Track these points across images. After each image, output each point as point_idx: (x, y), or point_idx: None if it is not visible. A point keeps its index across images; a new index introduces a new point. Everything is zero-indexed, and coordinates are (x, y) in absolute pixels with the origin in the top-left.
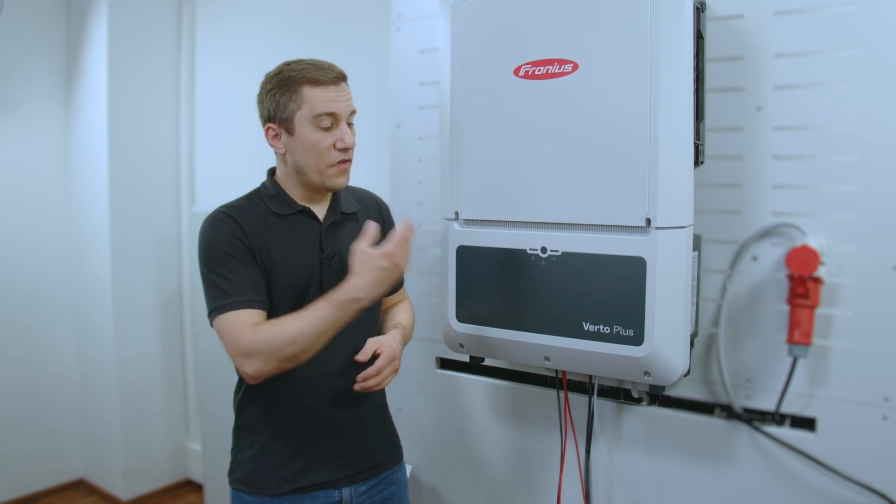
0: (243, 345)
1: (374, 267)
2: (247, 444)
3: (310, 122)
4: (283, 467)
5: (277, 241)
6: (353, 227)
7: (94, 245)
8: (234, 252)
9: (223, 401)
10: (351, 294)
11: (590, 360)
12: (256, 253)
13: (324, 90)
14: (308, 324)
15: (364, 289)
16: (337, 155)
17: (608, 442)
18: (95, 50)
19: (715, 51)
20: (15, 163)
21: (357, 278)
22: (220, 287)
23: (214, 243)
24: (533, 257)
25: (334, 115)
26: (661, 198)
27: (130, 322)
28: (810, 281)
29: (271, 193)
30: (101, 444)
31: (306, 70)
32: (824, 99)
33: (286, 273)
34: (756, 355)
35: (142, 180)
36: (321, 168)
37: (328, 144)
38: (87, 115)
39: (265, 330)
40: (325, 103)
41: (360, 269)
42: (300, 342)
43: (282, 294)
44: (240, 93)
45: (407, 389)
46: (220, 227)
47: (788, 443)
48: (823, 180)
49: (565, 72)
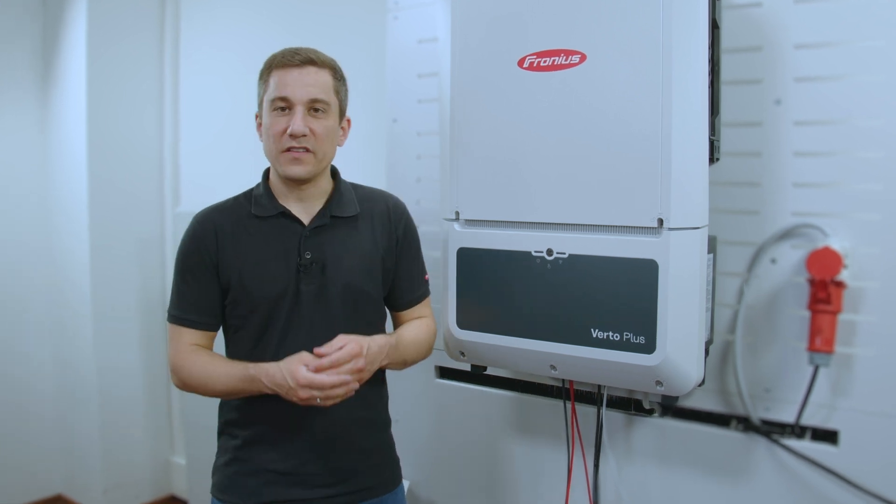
0: (174, 363)
1: (283, 375)
2: (222, 450)
3: (269, 105)
4: (253, 476)
5: (252, 248)
6: (347, 232)
7: (72, 247)
8: (191, 266)
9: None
10: (260, 375)
11: (598, 369)
12: (222, 265)
13: (284, 73)
14: (221, 377)
15: (270, 380)
16: (287, 141)
17: (618, 456)
18: (74, 38)
19: (731, 41)
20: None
21: (274, 367)
22: (175, 295)
23: (180, 250)
24: (538, 260)
25: (286, 100)
26: (674, 197)
27: (111, 329)
28: (832, 285)
29: (259, 193)
30: (80, 459)
31: (278, 55)
32: (847, 92)
33: (258, 282)
34: (775, 364)
35: (123, 178)
36: (274, 154)
37: (280, 130)
38: (64, 107)
39: (192, 359)
40: (281, 86)
41: (282, 363)
42: (209, 388)
43: (254, 304)
44: (226, 85)
45: (404, 400)
46: (188, 235)
47: (809, 457)
48: (846, 178)
49: (572, 63)
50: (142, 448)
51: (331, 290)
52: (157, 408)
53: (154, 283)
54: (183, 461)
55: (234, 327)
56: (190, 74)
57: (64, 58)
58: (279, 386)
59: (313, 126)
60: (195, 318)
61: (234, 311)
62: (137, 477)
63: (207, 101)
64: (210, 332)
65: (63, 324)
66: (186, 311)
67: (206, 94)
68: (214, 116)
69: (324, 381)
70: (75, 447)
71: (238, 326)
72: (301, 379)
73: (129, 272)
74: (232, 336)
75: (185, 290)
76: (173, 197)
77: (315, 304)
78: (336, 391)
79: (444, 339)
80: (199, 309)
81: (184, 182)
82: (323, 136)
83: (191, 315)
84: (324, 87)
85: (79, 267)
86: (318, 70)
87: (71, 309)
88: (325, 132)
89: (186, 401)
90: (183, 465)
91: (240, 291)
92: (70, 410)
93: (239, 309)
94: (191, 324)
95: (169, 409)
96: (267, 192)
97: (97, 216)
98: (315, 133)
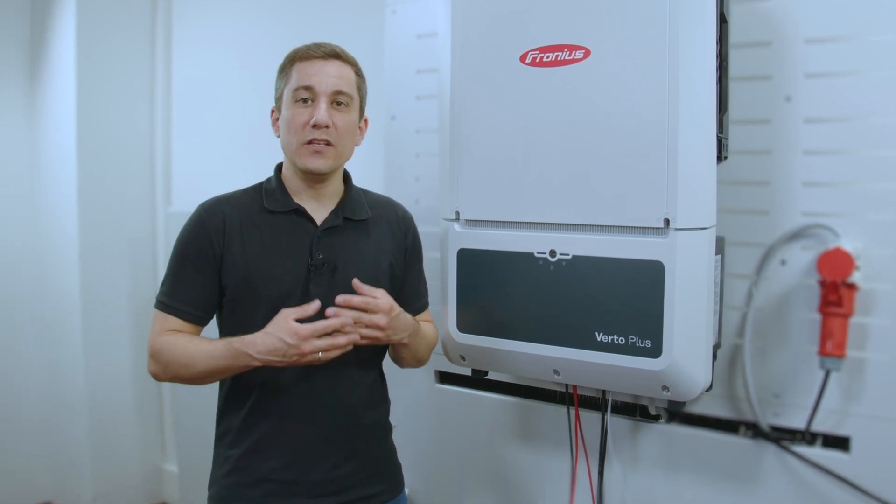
0: (152, 345)
1: (279, 336)
2: (222, 460)
3: (291, 96)
4: (254, 487)
5: (261, 244)
6: (357, 235)
7: (61, 247)
8: (192, 254)
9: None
10: (246, 348)
11: (603, 373)
12: (227, 259)
13: (308, 64)
14: (202, 356)
15: (259, 349)
16: (310, 133)
17: (623, 463)
18: (63, 33)
19: (740, 35)
20: None
21: (261, 335)
22: (166, 282)
23: (181, 237)
24: (541, 261)
25: (311, 89)
26: (681, 196)
27: (101, 332)
28: (844, 287)
29: (271, 188)
30: (70, 465)
31: (302, 48)
32: (860, 88)
33: (265, 279)
34: (784, 369)
35: (114, 176)
36: (294, 147)
37: (303, 121)
38: (53, 104)
39: (172, 341)
40: (304, 76)
41: (269, 328)
42: (191, 369)
43: (258, 301)
44: (221, 80)
45: (403, 406)
46: (194, 222)
47: (820, 464)
48: (858, 177)
49: (576, 58)
50: (133, 455)
51: (339, 292)
52: (148, 413)
53: (145, 284)
54: (175, 469)
55: (232, 325)
56: (183, 70)
57: (52, 54)
58: (274, 351)
59: (336, 119)
60: (184, 308)
61: (234, 309)
62: (128, 484)
63: (201, 98)
64: (198, 325)
65: (52, 326)
66: (178, 301)
67: (199, 90)
68: (208, 113)
69: (327, 324)
70: (64, 453)
71: (237, 325)
72: (302, 331)
73: (120, 273)
74: (229, 335)
75: (180, 279)
76: (165, 196)
77: (323, 306)
78: (338, 339)
79: (444, 343)
80: (191, 300)
81: (176, 181)
82: (344, 130)
83: (181, 304)
84: (348, 80)
85: (68, 268)
86: (343, 64)
87: (60, 311)
88: (347, 127)
89: (179, 406)
90: (175, 473)
91: (244, 288)
92: (59, 415)
93: (241, 307)
94: (180, 314)
95: (161, 415)
96: (280, 188)
97: (87, 216)
98: (337, 126)
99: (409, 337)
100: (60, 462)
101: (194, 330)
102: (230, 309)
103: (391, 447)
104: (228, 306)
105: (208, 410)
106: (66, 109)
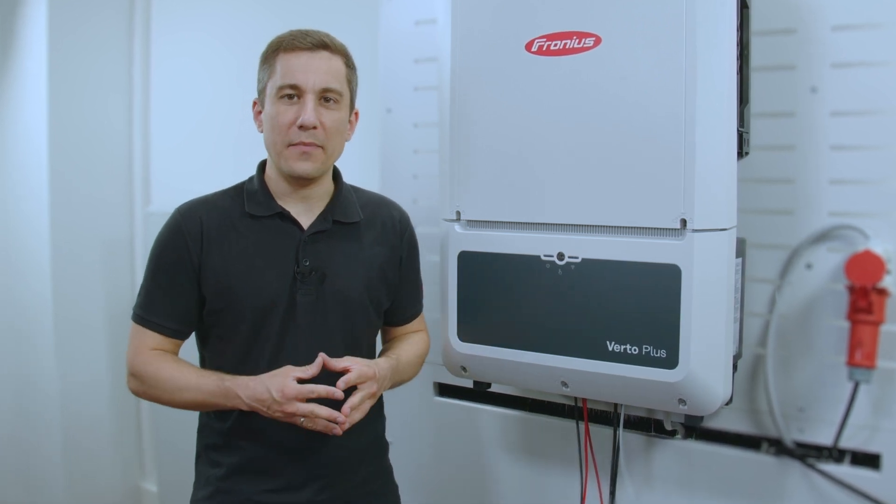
0: (133, 364)
1: (268, 387)
2: (202, 480)
3: (275, 92)
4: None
5: (243, 251)
6: (348, 240)
7: (31, 250)
8: (167, 264)
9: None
10: (237, 389)
11: (615, 385)
12: (205, 268)
13: (294, 57)
14: (190, 390)
15: (248, 394)
16: (296, 134)
17: (636, 482)
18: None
19: (762, 23)
20: None
21: (254, 381)
22: (142, 293)
23: (156, 244)
24: (548, 265)
25: (296, 87)
26: (699, 195)
27: (75, 341)
28: (874, 293)
29: (253, 189)
30: (41, 485)
31: (286, 37)
32: (890, 79)
33: (247, 289)
34: (810, 380)
35: (88, 174)
36: (279, 148)
37: (288, 120)
38: (22, 96)
39: (156, 364)
40: (289, 72)
41: (265, 376)
42: (176, 399)
43: (240, 312)
44: (204, 71)
45: (401, 420)
46: (169, 229)
47: (848, 483)
48: (889, 174)
49: (586, 47)
50: (109, 472)
51: (329, 301)
52: (126, 428)
53: (122, 290)
54: (154, 488)
55: (214, 338)
56: (163, 59)
57: (22, 40)
58: (260, 401)
59: (324, 118)
60: (163, 322)
61: (216, 321)
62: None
63: (182, 89)
64: (178, 339)
65: (22, 334)
66: (155, 314)
67: (180, 80)
68: (190, 107)
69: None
70: (35, 472)
71: (220, 337)
72: (289, 391)
73: (95, 278)
74: (211, 347)
75: (157, 290)
76: (143, 195)
77: (311, 316)
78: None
79: (443, 353)
80: (169, 314)
81: (154, 179)
82: (333, 130)
83: (159, 319)
84: (337, 74)
85: (39, 272)
86: (331, 56)
87: (30, 318)
88: (336, 126)
89: (158, 421)
90: (154, 493)
91: (226, 299)
92: (29, 431)
93: (223, 318)
94: (158, 328)
95: (139, 430)
96: (263, 189)
97: (59, 216)
98: (325, 126)
99: (390, 381)
100: (32, 481)
101: (174, 344)
102: (212, 321)
103: (387, 466)
104: (209, 318)
105: (189, 425)
106: (37, 102)
